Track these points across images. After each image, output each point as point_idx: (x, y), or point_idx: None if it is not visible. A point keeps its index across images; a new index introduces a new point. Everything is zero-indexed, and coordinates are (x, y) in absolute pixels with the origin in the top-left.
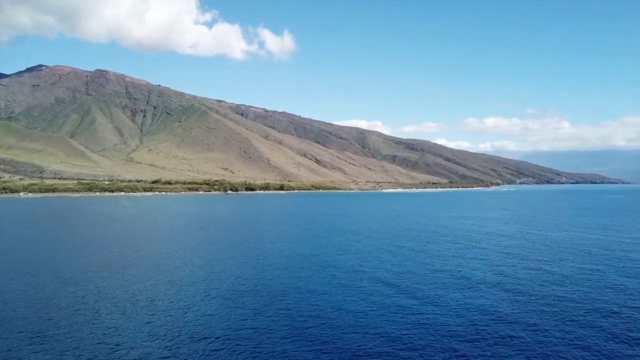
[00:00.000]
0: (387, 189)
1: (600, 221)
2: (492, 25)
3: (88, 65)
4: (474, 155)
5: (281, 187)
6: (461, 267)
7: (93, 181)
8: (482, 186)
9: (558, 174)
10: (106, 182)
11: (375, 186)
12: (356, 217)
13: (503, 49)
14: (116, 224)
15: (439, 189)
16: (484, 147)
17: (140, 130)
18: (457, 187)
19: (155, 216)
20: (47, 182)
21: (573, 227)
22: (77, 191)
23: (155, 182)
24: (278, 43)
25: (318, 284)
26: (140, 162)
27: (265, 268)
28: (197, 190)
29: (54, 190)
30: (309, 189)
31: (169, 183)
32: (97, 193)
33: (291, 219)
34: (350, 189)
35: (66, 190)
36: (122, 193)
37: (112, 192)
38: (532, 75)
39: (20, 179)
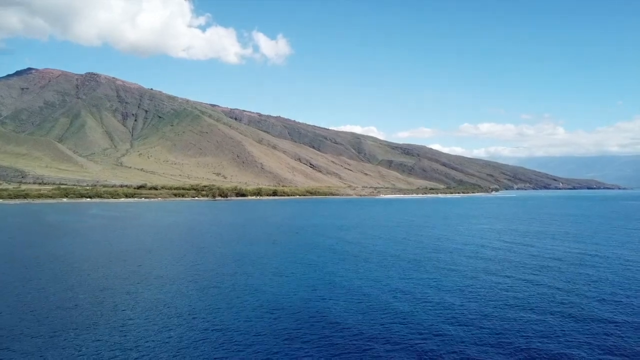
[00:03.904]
0: (385, 194)
1: None
2: (487, 32)
3: (80, 68)
4: (470, 160)
5: (274, 193)
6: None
7: (72, 186)
8: (481, 192)
9: (555, 179)
10: (87, 187)
11: (372, 192)
12: (366, 233)
13: (498, 55)
14: (40, 241)
15: (440, 195)
16: (478, 152)
17: (131, 135)
18: (458, 193)
19: (109, 230)
20: (24, 187)
21: None
22: (51, 197)
23: (140, 187)
24: (272, 47)
25: None
26: (130, 167)
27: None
28: (183, 196)
29: (25, 196)
30: (304, 195)
31: (155, 188)
32: (74, 199)
33: (283, 233)
34: (347, 194)
35: (40, 196)
36: (100, 199)
37: (91, 198)
38: (527, 81)
39: None
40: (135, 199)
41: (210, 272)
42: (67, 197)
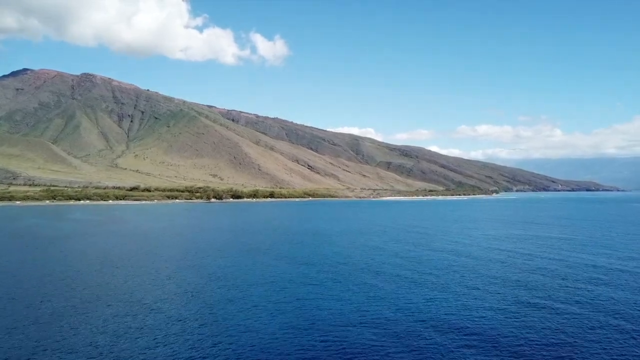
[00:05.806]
0: (385, 196)
1: None
2: (485, 33)
3: (76, 69)
4: (469, 162)
5: (271, 195)
6: None
7: (61, 188)
8: (481, 193)
9: (554, 181)
10: (76, 189)
11: (372, 193)
12: (372, 241)
13: (495, 56)
14: None
15: (440, 197)
16: (476, 154)
17: (127, 136)
18: (458, 195)
19: (80, 237)
20: (12, 188)
21: None
22: (37, 199)
23: (132, 189)
24: (270, 48)
25: None
26: (125, 168)
27: None
28: (177, 198)
29: (10, 198)
30: (302, 197)
31: (147, 190)
32: (61, 202)
33: (277, 241)
34: (346, 196)
35: (26, 198)
36: (89, 202)
37: (79, 200)
38: (524, 83)
39: None
40: (126, 201)
41: (180, 299)
42: (54, 199)
